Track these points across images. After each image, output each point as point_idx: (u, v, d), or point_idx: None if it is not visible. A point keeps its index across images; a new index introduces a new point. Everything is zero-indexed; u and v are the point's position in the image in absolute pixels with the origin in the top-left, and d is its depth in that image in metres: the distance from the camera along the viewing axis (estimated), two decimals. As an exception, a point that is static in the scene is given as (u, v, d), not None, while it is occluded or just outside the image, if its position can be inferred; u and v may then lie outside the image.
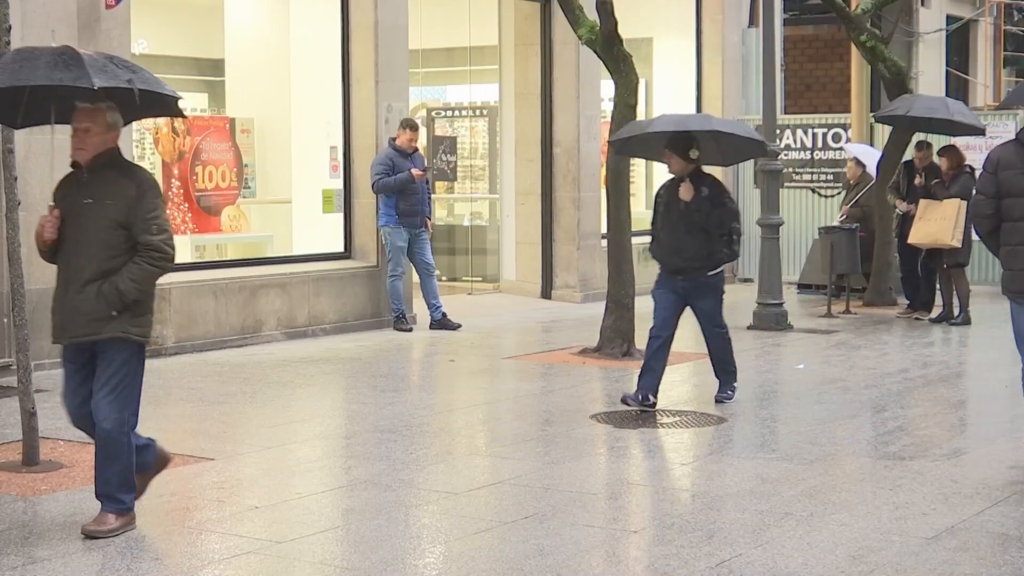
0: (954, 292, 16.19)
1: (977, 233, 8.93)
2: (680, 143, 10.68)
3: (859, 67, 18.88)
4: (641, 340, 13.64)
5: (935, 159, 16.61)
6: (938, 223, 15.90)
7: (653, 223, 10.96)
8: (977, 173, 16.89)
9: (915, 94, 18.27)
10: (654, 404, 10.65)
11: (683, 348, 14.40)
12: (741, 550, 6.96)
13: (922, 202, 16.11)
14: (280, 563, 6.82)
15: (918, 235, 16.12)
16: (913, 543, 7.11)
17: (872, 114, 18.34)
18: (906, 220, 16.50)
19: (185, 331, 13.55)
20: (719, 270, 10.82)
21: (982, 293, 19.27)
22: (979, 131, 16.73)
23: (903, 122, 16.75)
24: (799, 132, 20.80)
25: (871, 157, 18.40)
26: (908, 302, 16.96)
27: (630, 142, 11.80)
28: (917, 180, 16.42)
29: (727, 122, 12.56)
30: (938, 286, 16.63)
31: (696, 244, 10.60)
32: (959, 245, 15.91)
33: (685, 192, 10.58)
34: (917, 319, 16.41)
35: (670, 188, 10.81)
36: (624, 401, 10.65)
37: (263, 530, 7.40)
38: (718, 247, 10.70)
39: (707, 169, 11.05)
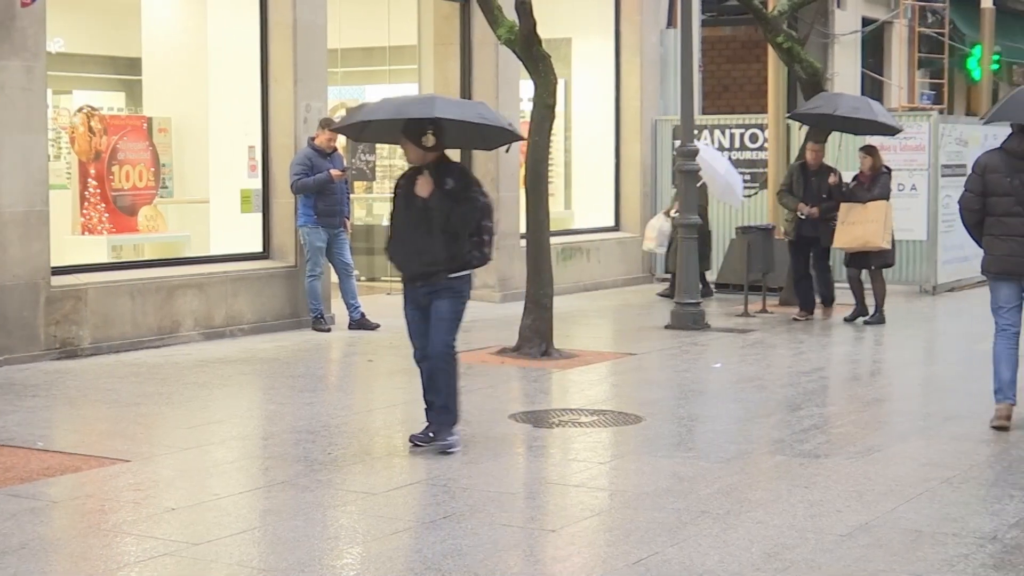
0: (868, 292, 16.33)
1: (964, 225, 10.46)
2: (414, 129, 9.18)
3: (776, 68, 19.01)
4: (560, 340, 13.74)
5: (828, 159, 16.68)
6: (865, 226, 15.91)
7: (391, 219, 9.53)
8: (893, 174, 17.21)
9: (836, 92, 18.37)
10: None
11: (600, 347, 14.47)
12: (658, 548, 7.01)
13: (844, 206, 16.09)
14: (197, 565, 6.79)
15: (845, 239, 16.10)
16: (827, 540, 7.19)
17: (788, 113, 18.25)
18: (803, 223, 16.40)
19: (101, 332, 13.44)
20: (464, 273, 9.33)
21: (898, 292, 19.49)
22: (896, 131, 16.89)
23: (827, 121, 16.73)
24: (716, 133, 20.92)
25: (707, 153, 18.60)
26: (800, 304, 16.66)
27: (368, 128, 9.95)
28: (832, 179, 16.40)
29: (457, 105, 10.34)
30: (848, 285, 16.71)
31: (437, 246, 9.15)
32: (889, 247, 16.04)
33: (422, 186, 9.18)
34: (804, 319, 16.33)
35: (409, 180, 9.35)
36: (412, 442, 9.34)
37: (180, 532, 7.36)
38: (464, 249, 9.24)
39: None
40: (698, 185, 18.18)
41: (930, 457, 9.20)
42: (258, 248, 15.65)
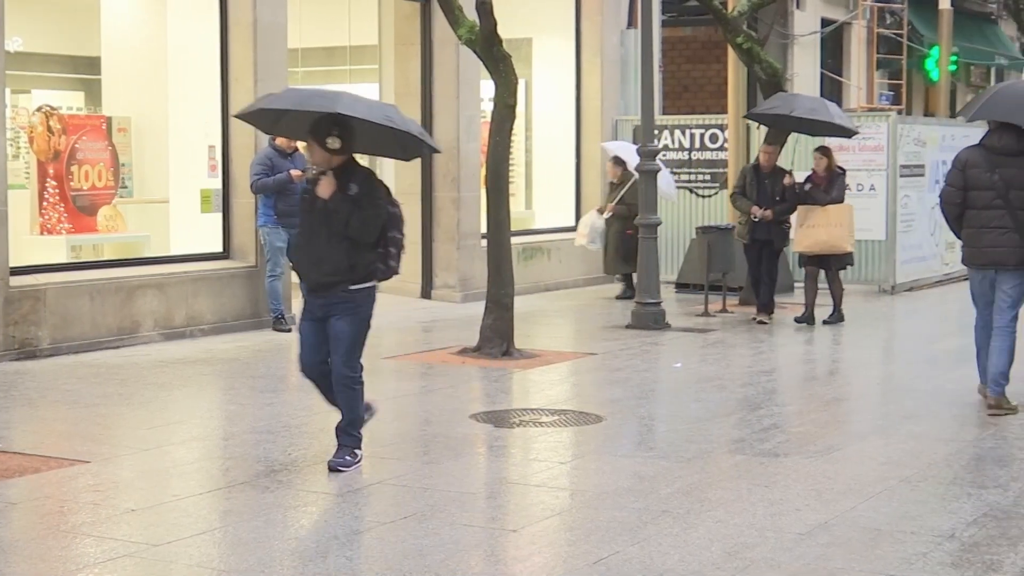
0: (824, 292, 16.32)
1: (945, 218, 11.14)
2: (321, 128, 8.57)
3: (736, 69, 19.07)
4: (521, 340, 13.76)
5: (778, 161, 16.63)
6: (829, 229, 15.78)
7: (300, 224, 9.04)
8: (852, 174, 17.30)
9: (792, 93, 18.39)
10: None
11: (562, 347, 14.49)
12: (619, 548, 7.03)
13: (802, 208, 15.95)
14: (157, 566, 6.77)
15: (807, 242, 15.93)
16: (787, 539, 7.22)
17: (745, 113, 18.14)
18: (757, 226, 16.17)
19: (60, 332, 13.38)
20: (366, 286, 8.75)
21: (856, 292, 19.60)
22: (852, 133, 16.96)
23: (783, 121, 16.71)
24: (677, 133, 20.98)
25: (630, 153, 18.64)
26: (759, 307, 16.44)
27: (283, 120, 9.33)
28: (787, 180, 16.16)
29: (365, 105, 8.92)
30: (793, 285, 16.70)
31: (337, 255, 8.60)
32: (853, 250, 16.02)
33: (323, 187, 8.63)
34: (763, 322, 16.14)
35: (313, 183, 8.81)
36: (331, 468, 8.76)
37: (139, 533, 7.34)
38: (368, 260, 8.69)
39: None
40: (630, 184, 18.32)
41: (889, 456, 9.25)
42: (218, 248, 15.61)
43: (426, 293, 18.53)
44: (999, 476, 8.67)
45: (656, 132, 18.25)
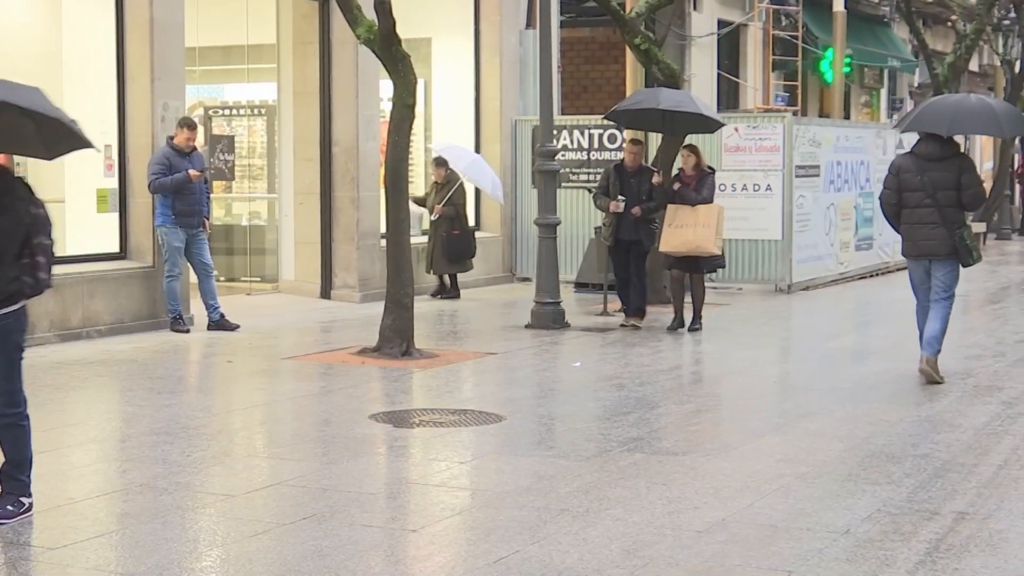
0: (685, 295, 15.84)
1: (885, 216, 12.53)
2: None
3: (634, 69, 19.20)
4: (421, 340, 13.76)
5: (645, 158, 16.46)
6: (696, 230, 15.29)
7: None
8: (749, 174, 17.47)
9: (656, 87, 18.07)
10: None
11: (462, 347, 14.51)
12: (519, 547, 7.05)
13: (670, 208, 15.44)
14: (53, 570, 6.70)
15: (674, 242, 15.43)
16: (685, 536, 7.28)
17: (606, 113, 17.21)
18: (621, 226, 15.71)
19: (-47, 334, 13.18)
20: (11, 309, 7.39)
21: (753, 292, 19.81)
22: (719, 125, 16.77)
23: (649, 118, 16.36)
24: (576, 133, 21.07)
25: (458, 154, 18.79)
26: (625, 309, 16.14)
27: None
28: (656, 180, 15.72)
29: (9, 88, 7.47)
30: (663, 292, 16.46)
31: None
32: (720, 252, 15.72)
33: None
34: (635, 327, 15.75)
35: None
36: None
37: (36, 536, 7.25)
38: (10, 275, 7.31)
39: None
40: (457, 185, 18.43)
41: (785, 453, 9.35)
42: (115, 248, 15.46)
43: (325, 293, 18.48)
44: (892, 472, 8.80)
45: (555, 132, 18.33)
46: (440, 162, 18.78)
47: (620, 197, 15.67)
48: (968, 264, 12.12)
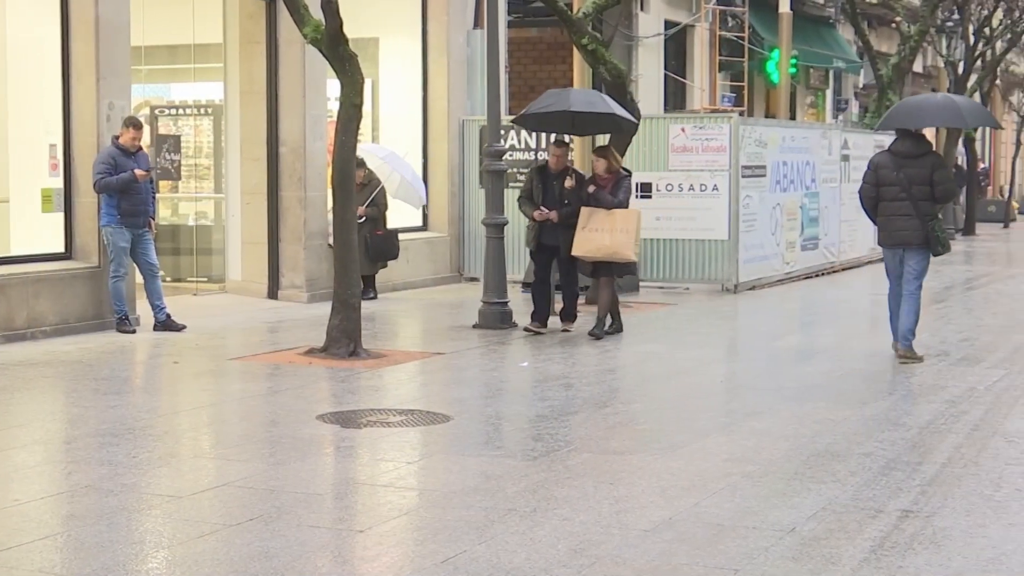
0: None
1: (864, 209, 13.71)
2: None
3: (581, 70, 19.21)
4: (368, 340, 13.75)
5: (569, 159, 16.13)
6: (613, 235, 14.90)
7: None
8: (696, 174, 17.52)
9: (565, 89, 17.87)
10: None
11: (409, 347, 14.51)
12: (466, 547, 7.06)
13: (585, 210, 15.01)
14: (-2, 572, 6.67)
15: (587, 247, 15.04)
16: (632, 535, 7.31)
17: (514, 117, 16.96)
18: (544, 231, 15.37)
19: None
20: None
21: (700, 291, 19.89)
22: (634, 125, 16.62)
23: (559, 120, 16.02)
24: (523, 133, 21.08)
25: (378, 155, 18.85)
26: (534, 313, 15.55)
27: None
28: (568, 183, 15.24)
29: None
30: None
31: None
32: (637, 259, 15.52)
33: None
34: (534, 332, 15.32)
35: None
36: None
37: (-20, 539, 7.21)
38: None
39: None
40: (380, 186, 18.45)
41: (731, 452, 9.40)
42: (60, 248, 15.37)
43: (272, 293, 18.43)
44: (837, 471, 8.86)
45: (502, 132, 18.34)
46: (359, 163, 18.71)
47: (542, 208, 15.30)
48: (938, 253, 13.33)
